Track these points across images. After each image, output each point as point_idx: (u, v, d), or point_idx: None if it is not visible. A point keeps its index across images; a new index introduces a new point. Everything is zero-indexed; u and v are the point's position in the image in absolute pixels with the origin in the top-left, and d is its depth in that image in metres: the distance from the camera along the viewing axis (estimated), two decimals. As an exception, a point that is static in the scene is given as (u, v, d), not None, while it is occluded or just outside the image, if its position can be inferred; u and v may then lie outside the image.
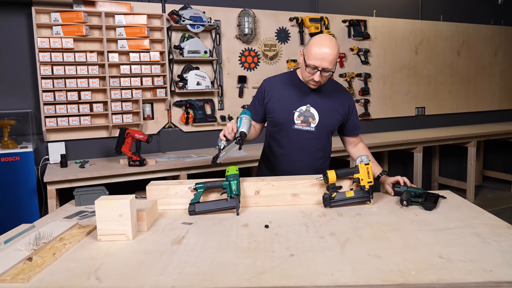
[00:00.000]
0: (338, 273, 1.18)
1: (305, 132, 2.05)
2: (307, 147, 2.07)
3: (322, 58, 1.87)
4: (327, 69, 1.90)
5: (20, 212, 3.11)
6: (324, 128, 2.07)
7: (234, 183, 1.77)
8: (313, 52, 1.88)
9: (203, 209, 1.75)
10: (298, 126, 2.05)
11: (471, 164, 4.75)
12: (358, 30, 4.63)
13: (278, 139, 2.12)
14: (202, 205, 1.76)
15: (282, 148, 2.11)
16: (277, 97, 2.09)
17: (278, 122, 2.09)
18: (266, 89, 2.12)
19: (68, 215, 1.82)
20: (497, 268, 1.19)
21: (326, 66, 1.88)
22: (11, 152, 3.09)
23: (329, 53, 1.86)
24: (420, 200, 1.79)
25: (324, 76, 1.93)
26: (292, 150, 2.08)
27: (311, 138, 2.06)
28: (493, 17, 5.70)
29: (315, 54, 1.87)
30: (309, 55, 1.90)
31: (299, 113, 2.04)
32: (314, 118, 2.04)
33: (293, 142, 2.07)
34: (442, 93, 5.36)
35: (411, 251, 1.32)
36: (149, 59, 3.60)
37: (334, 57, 1.88)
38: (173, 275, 1.19)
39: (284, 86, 2.10)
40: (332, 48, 1.87)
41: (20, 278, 1.18)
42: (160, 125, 3.87)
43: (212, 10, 3.94)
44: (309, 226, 1.57)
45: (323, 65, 1.88)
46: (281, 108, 2.07)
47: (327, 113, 2.06)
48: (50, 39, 3.27)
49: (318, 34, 2.01)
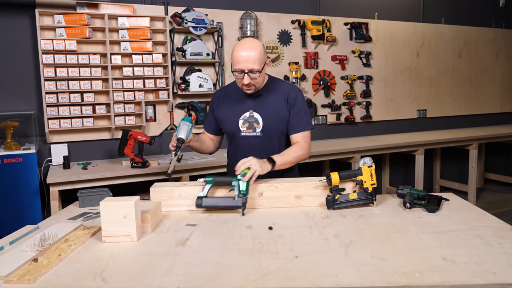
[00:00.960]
0: (343, 275, 1.18)
1: (252, 137, 2.05)
2: (256, 152, 1.98)
3: (244, 60, 1.86)
4: (253, 70, 1.88)
5: (22, 213, 3.12)
6: (270, 131, 2.04)
7: (244, 183, 1.78)
8: (235, 56, 1.89)
9: (210, 204, 1.77)
10: (244, 133, 2.05)
11: (472, 166, 4.75)
12: (360, 32, 4.64)
13: (232, 147, 2.15)
14: (210, 200, 1.78)
15: (235, 156, 2.07)
16: (224, 107, 2.10)
17: (228, 132, 2.12)
18: (215, 101, 2.15)
19: (72, 217, 1.83)
20: (501, 270, 1.19)
21: (251, 67, 1.87)
22: (14, 153, 3.10)
23: (251, 54, 1.86)
24: (423, 203, 1.79)
25: (253, 77, 1.90)
26: (244, 156, 1.97)
27: (259, 143, 2.05)
28: (495, 20, 5.71)
29: (237, 57, 1.88)
30: (233, 60, 1.91)
31: (244, 120, 2.05)
32: (258, 123, 2.04)
33: (243, 148, 2.06)
34: (443, 95, 5.37)
35: (414, 253, 1.33)
36: (152, 61, 3.62)
37: (257, 57, 1.87)
38: (178, 277, 1.19)
39: (230, 95, 2.11)
40: (254, 48, 1.87)
41: (26, 279, 1.18)
42: (163, 127, 3.89)
43: (214, 12, 3.96)
44: (312, 228, 1.58)
45: (248, 66, 1.87)
46: (228, 118, 2.08)
47: (270, 115, 2.03)
48: (54, 41, 3.28)
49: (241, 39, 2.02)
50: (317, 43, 4.49)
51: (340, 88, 4.68)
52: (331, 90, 4.62)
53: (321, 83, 4.56)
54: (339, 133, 4.72)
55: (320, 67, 4.55)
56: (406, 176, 5.22)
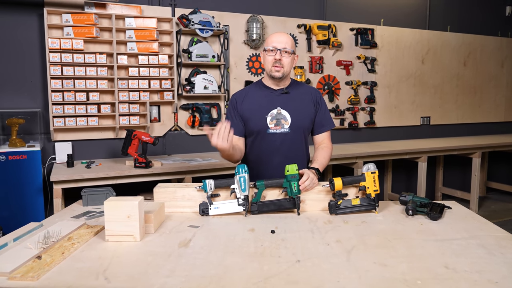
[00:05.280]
0: (345, 280, 1.19)
1: (280, 134, 2.07)
2: (283, 149, 2.07)
3: (280, 41, 2.01)
4: (286, 49, 2.00)
5: (25, 210, 3.13)
6: (298, 127, 2.09)
7: (295, 184, 1.79)
8: (271, 38, 2.04)
9: (266, 210, 1.80)
10: (272, 129, 2.07)
11: (475, 175, 4.74)
12: (366, 38, 4.65)
13: (255, 146, 2.13)
14: (264, 205, 1.80)
15: (258, 155, 2.10)
16: (248, 107, 2.11)
17: (253, 130, 2.10)
18: (238, 101, 2.14)
19: (75, 215, 1.84)
20: (503, 280, 1.19)
21: (284, 45, 2.00)
22: (19, 150, 3.12)
23: (286, 37, 2.03)
24: (425, 210, 1.79)
25: (284, 57, 2.01)
26: (269, 154, 2.08)
27: (287, 140, 2.08)
28: (500, 29, 5.71)
29: (273, 38, 2.03)
30: (267, 42, 2.05)
31: (271, 117, 2.07)
32: (286, 120, 2.07)
33: (270, 146, 2.08)
34: (447, 103, 5.36)
35: (416, 260, 1.33)
36: (158, 62, 3.63)
37: (291, 42, 2.03)
38: (181, 278, 1.20)
39: (253, 95, 2.14)
40: (288, 36, 2.04)
41: (30, 276, 1.19)
42: (167, 127, 3.90)
43: (221, 15, 3.98)
44: (315, 233, 1.58)
45: (281, 45, 2.00)
46: (254, 116, 2.09)
47: (298, 112, 2.09)
48: (61, 40, 3.30)
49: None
50: (323, 48, 4.50)
51: (345, 93, 4.68)
52: (335, 95, 4.63)
53: (326, 88, 4.57)
54: (342, 138, 4.72)
55: (325, 72, 4.55)
56: (408, 183, 5.21)
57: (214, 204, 1.79)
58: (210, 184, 1.78)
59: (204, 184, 1.79)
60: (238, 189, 1.78)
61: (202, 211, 1.79)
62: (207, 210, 1.79)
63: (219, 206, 1.80)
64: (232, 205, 1.79)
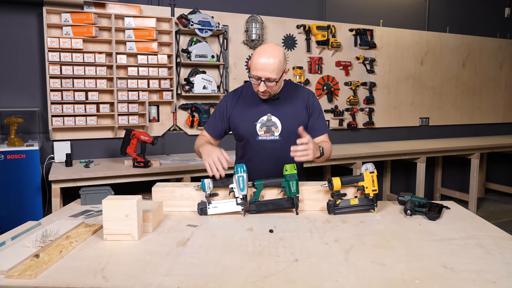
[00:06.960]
0: (343, 280, 1.19)
1: (270, 141, 2.03)
2: (273, 156, 2.03)
3: (263, 68, 1.84)
4: (270, 79, 1.87)
5: (24, 209, 3.13)
6: (289, 134, 2.01)
7: (293, 183, 1.79)
8: (254, 62, 1.86)
9: (264, 209, 1.80)
10: (262, 137, 2.03)
11: (473, 176, 4.75)
12: (365, 39, 4.65)
13: (245, 151, 2.11)
14: (263, 205, 1.80)
15: (249, 161, 2.06)
16: (238, 111, 2.07)
17: (243, 136, 2.07)
18: (227, 104, 2.09)
19: (73, 214, 1.84)
20: (501, 279, 1.19)
21: (268, 76, 1.85)
22: (17, 149, 3.12)
23: (270, 62, 1.84)
24: (424, 210, 1.80)
25: (269, 86, 1.89)
26: (260, 161, 2.04)
27: (277, 147, 2.03)
28: (499, 30, 5.72)
29: (257, 64, 1.85)
30: (252, 66, 1.89)
31: (261, 124, 2.02)
32: (277, 127, 2.02)
33: (260, 153, 2.04)
34: (446, 104, 5.37)
35: (414, 260, 1.33)
36: (157, 62, 3.63)
37: (277, 66, 1.85)
38: (179, 277, 1.20)
39: (244, 99, 2.08)
40: (274, 57, 1.84)
41: (28, 275, 1.19)
42: (165, 127, 3.90)
43: (220, 15, 3.98)
44: (313, 232, 1.58)
45: (265, 75, 1.85)
46: (243, 121, 2.05)
47: (289, 119, 2.03)
48: (60, 39, 3.30)
49: (264, 44, 1.97)
50: (322, 48, 4.51)
51: (344, 94, 4.69)
52: (334, 95, 4.63)
53: (325, 88, 4.57)
54: (341, 139, 4.73)
55: (324, 72, 4.56)
56: (407, 183, 5.22)
57: (212, 204, 1.79)
58: (208, 184, 1.78)
59: (202, 184, 1.79)
60: (236, 189, 1.78)
61: (201, 210, 1.79)
62: (206, 209, 1.79)
63: (218, 206, 1.79)
64: (231, 204, 1.79)
